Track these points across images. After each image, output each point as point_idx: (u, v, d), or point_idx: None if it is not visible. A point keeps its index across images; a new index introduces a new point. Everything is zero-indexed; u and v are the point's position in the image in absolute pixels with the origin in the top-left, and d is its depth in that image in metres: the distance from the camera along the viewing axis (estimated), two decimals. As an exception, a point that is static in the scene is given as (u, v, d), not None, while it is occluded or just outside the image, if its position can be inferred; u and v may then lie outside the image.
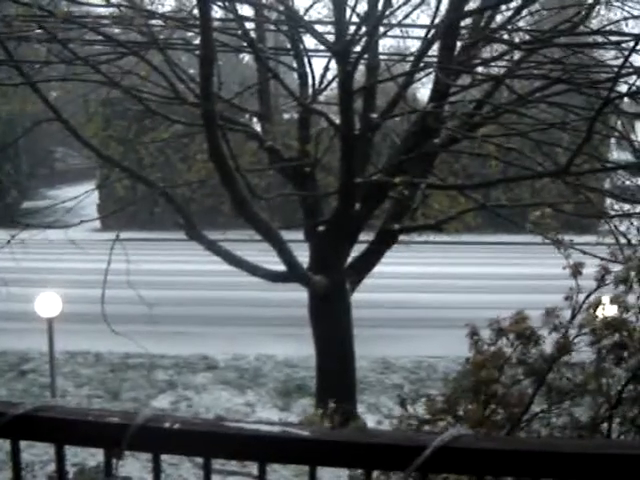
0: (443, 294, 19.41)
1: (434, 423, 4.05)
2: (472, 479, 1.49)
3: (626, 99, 10.40)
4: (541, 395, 4.09)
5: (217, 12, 10.37)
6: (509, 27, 10.06)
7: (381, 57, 10.64)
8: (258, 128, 11.12)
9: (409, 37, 11.85)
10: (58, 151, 45.27)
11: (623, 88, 8.86)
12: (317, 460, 1.48)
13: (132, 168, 9.39)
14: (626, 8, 9.26)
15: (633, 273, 4.16)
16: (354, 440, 1.48)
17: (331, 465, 1.50)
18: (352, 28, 9.35)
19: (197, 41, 9.04)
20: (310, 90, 10.36)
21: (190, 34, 10.37)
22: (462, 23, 9.82)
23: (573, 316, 4.14)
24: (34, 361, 14.10)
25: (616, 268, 4.56)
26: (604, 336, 3.90)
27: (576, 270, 4.16)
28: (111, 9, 9.10)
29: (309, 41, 10.67)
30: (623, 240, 8.37)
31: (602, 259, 4.85)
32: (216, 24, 9.22)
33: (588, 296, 4.12)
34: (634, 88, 8.37)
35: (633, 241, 8.36)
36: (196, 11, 7.51)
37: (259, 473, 1.57)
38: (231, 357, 14.64)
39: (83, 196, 9.66)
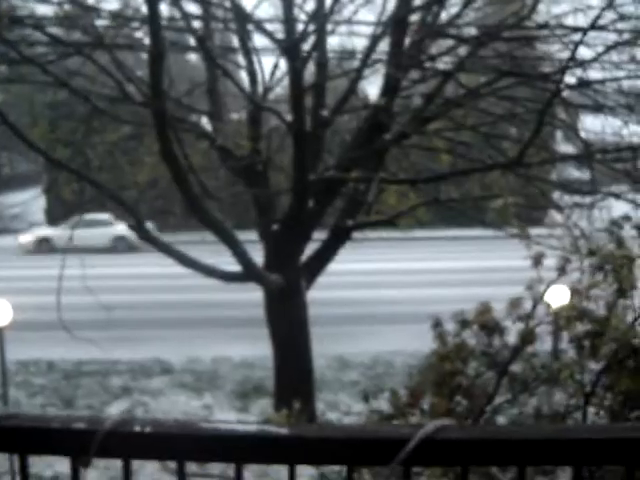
0: (397, 290, 19.51)
1: (400, 418, 4.02)
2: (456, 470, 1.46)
3: (570, 92, 10.56)
4: (504, 386, 4.11)
5: (164, 11, 10.24)
6: (456, 22, 10.13)
7: (330, 55, 10.62)
8: (209, 128, 11.01)
9: (357, 35, 11.83)
10: (2, 156, 44.27)
11: (569, 81, 8.96)
12: (297, 458, 1.43)
13: (79, 170, 9.18)
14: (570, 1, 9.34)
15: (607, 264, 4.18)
16: (335, 436, 1.43)
17: (312, 463, 1.45)
18: (301, 27, 9.30)
19: (145, 41, 8.89)
20: (260, 88, 10.28)
21: (138, 34, 10.20)
22: (410, 19, 9.86)
23: (534, 306, 4.15)
24: (-16, 372, 13.75)
25: (575, 258, 4.58)
26: (569, 325, 3.93)
27: (538, 260, 4.18)
28: (54, 8, 8.87)
29: (258, 40, 10.60)
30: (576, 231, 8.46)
31: (561, 249, 4.88)
32: (164, 22, 9.10)
33: (549, 286, 4.14)
34: (579, 80, 8.49)
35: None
36: (144, 8, 7.37)
37: (236, 475, 1.51)
38: (187, 360, 14.49)
39: (29, 200, 9.44)
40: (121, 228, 24.24)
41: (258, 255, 10.29)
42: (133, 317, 17.07)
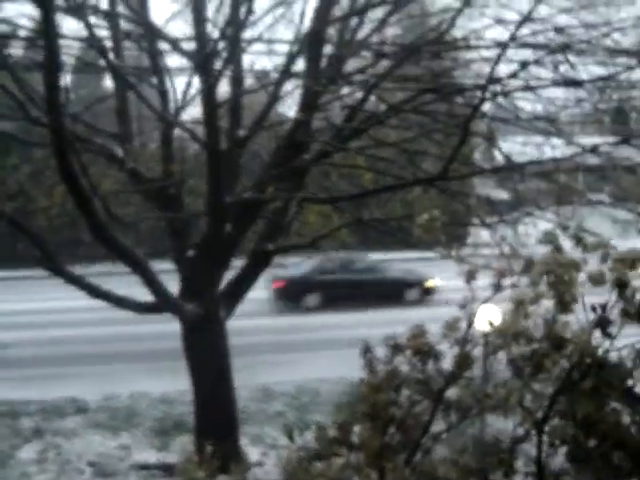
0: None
1: (328, 457, 3.58)
2: None
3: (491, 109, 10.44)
4: (440, 415, 3.70)
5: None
6: (375, 39, 9.90)
7: (246, 72, 10.21)
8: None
9: (274, 54, 11.51)
10: None
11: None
12: None
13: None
14: (488, 15, 9.19)
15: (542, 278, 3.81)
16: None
17: None
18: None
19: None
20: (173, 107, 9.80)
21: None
22: (327, 36, 9.59)
23: (469, 327, 3.76)
24: None
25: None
26: (504, 347, 3.55)
27: (471, 276, 3.79)
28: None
29: (170, 60, 10.15)
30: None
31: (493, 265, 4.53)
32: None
33: (484, 303, 3.75)
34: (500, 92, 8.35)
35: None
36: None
37: None
38: (102, 397, 13.70)
39: None
40: None
41: (176, 286, 9.76)
42: (43, 354, 16.13)
